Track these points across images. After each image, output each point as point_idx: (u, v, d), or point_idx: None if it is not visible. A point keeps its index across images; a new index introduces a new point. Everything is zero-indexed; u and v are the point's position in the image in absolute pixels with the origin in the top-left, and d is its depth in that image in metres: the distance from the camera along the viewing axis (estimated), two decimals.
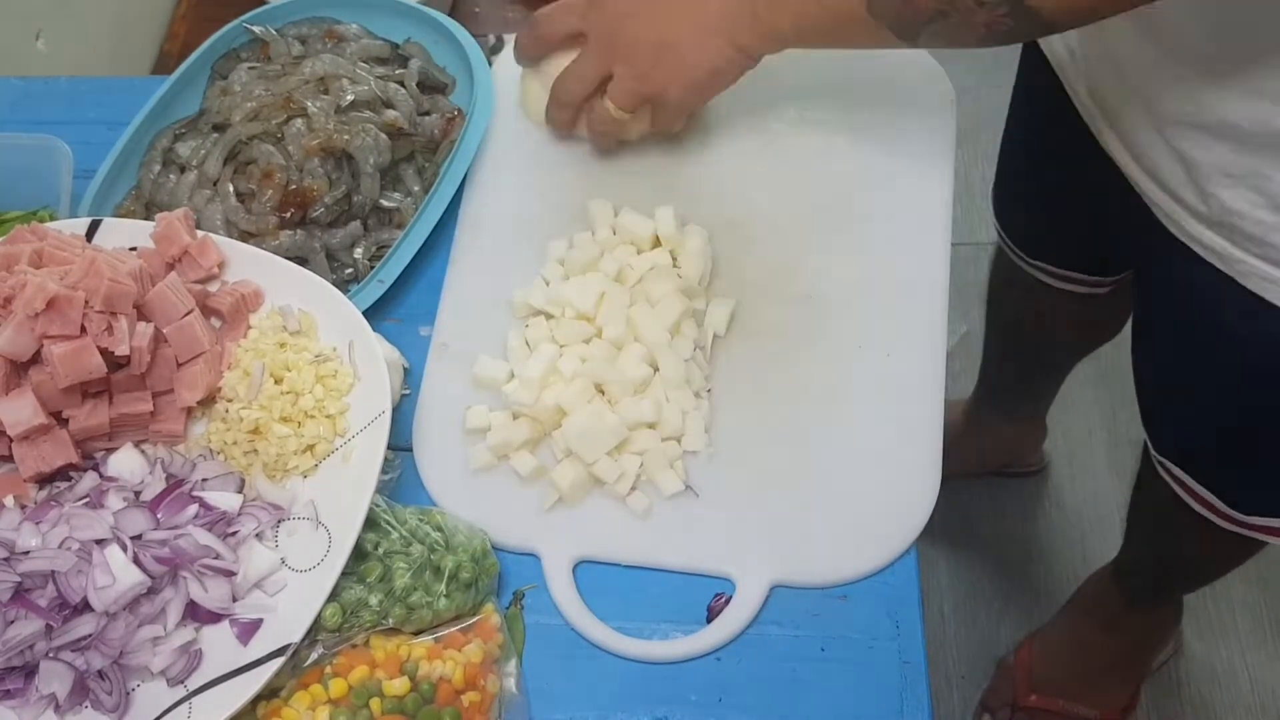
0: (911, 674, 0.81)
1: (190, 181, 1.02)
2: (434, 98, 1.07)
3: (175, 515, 0.81)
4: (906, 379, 0.91)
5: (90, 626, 0.77)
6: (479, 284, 0.98)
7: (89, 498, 0.82)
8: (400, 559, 0.81)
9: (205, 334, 0.86)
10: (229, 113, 1.03)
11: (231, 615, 0.79)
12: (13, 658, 0.76)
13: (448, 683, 0.78)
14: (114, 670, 0.77)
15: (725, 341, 0.94)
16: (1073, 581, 1.67)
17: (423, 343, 0.96)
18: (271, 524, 0.82)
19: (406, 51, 1.09)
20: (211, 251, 0.90)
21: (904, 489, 0.87)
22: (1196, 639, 1.72)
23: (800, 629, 0.83)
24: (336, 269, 0.99)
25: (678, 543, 0.86)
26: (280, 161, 1.00)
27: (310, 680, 0.78)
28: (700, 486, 0.88)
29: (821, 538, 0.86)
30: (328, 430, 0.84)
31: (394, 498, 0.86)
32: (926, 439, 0.89)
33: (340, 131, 1.00)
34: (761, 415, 0.90)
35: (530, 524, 0.87)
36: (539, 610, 0.85)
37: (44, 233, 0.88)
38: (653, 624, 0.84)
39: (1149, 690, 1.67)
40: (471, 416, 0.90)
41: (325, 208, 0.99)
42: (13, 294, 0.81)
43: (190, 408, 0.87)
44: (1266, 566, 1.77)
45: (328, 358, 0.87)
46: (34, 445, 0.83)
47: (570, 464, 0.87)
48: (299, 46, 1.09)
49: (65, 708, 0.77)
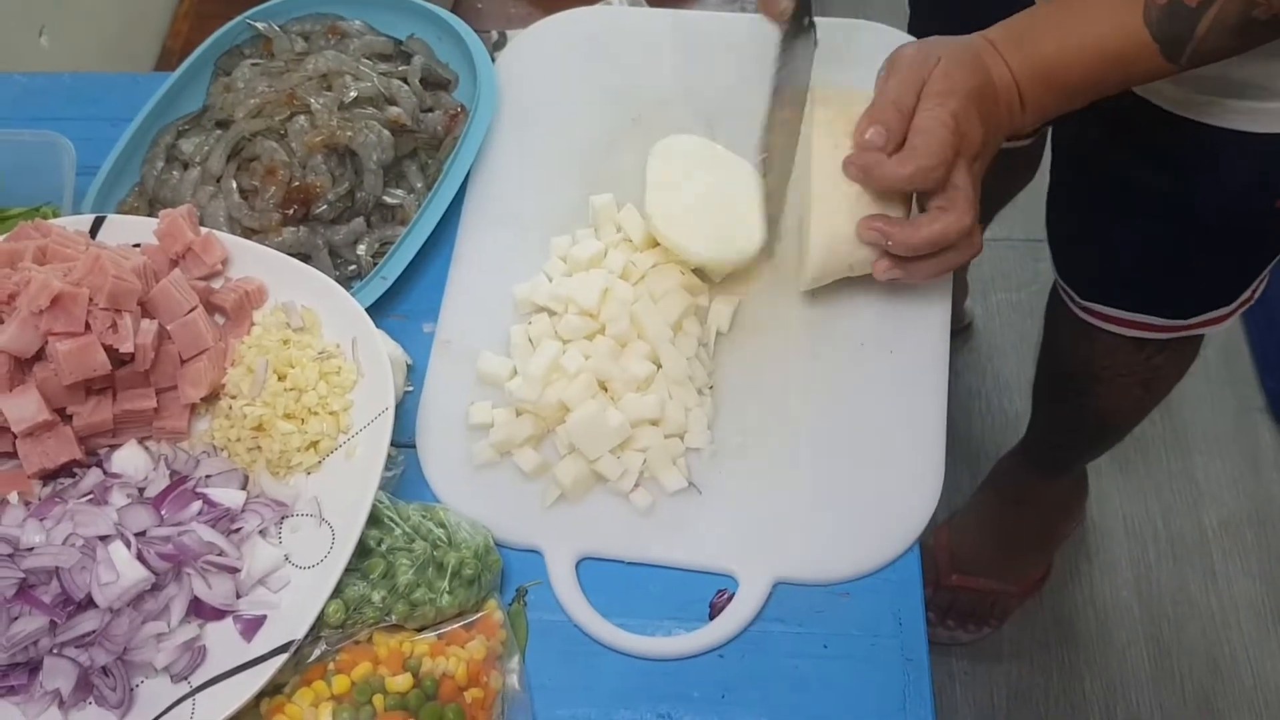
0: (914, 670, 0.81)
1: (193, 178, 1.02)
2: (437, 94, 1.07)
3: (179, 512, 0.81)
4: (909, 376, 0.91)
5: (94, 623, 0.77)
6: (482, 280, 0.98)
7: (93, 494, 0.82)
8: (403, 555, 0.81)
9: (209, 331, 0.86)
10: (232, 109, 1.03)
11: (235, 612, 0.79)
12: (17, 654, 0.76)
13: (451, 679, 0.78)
14: (118, 666, 0.77)
15: (729, 338, 0.94)
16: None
17: (426, 339, 0.96)
18: (275, 520, 0.82)
19: (409, 48, 1.09)
20: (215, 248, 0.90)
21: (906, 486, 0.87)
22: (1199, 634, 1.73)
23: (803, 626, 0.84)
24: (339, 266, 0.99)
25: (680, 540, 0.86)
26: (283, 158, 1.00)
27: (313, 676, 0.78)
28: (703, 483, 0.88)
29: (824, 535, 0.86)
30: (331, 427, 0.85)
31: (397, 494, 0.86)
32: (929, 436, 0.89)
33: (343, 128, 1.00)
34: (764, 412, 0.90)
35: (533, 520, 0.87)
36: (542, 607, 0.85)
37: (48, 229, 0.88)
38: (655, 621, 0.84)
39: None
40: (474, 413, 0.90)
41: (328, 204, 0.99)
42: (17, 290, 0.81)
43: (194, 404, 0.87)
44: (1268, 561, 1.78)
45: (331, 354, 0.87)
46: (38, 441, 0.83)
47: (572, 460, 0.87)
48: (302, 43, 1.09)
49: (69, 704, 0.77)
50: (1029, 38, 0.86)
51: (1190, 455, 1.89)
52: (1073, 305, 1.26)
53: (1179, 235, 1.11)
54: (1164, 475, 1.87)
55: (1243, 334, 1.97)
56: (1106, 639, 1.73)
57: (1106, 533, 1.82)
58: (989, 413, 1.94)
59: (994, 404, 1.95)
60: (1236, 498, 1.85)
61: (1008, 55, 0.86)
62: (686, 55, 1.08)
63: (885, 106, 0.84)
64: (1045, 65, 0.85)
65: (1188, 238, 1.11)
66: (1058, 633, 1.74)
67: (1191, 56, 0.83)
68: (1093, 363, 1.32)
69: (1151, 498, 1.85)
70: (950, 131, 0.82)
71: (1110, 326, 1.24)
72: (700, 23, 1.12)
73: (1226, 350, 1.96)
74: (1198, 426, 1.91)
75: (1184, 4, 0.80)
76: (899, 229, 0.84)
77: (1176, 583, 1.77)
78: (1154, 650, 1.72)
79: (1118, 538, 1.81)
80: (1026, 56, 0.86)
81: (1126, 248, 1.16)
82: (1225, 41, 0.82)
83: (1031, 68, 0.85)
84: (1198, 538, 1.81)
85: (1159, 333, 1.23)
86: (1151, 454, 1.88)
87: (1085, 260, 1.24)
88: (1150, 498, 1.85)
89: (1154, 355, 1.28)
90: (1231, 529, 1.82)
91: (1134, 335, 1.24)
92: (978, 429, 1.93)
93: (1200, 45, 0.82)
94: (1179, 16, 0.81)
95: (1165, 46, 0.82)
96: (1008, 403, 1.94)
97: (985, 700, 1.70)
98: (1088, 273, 1.24)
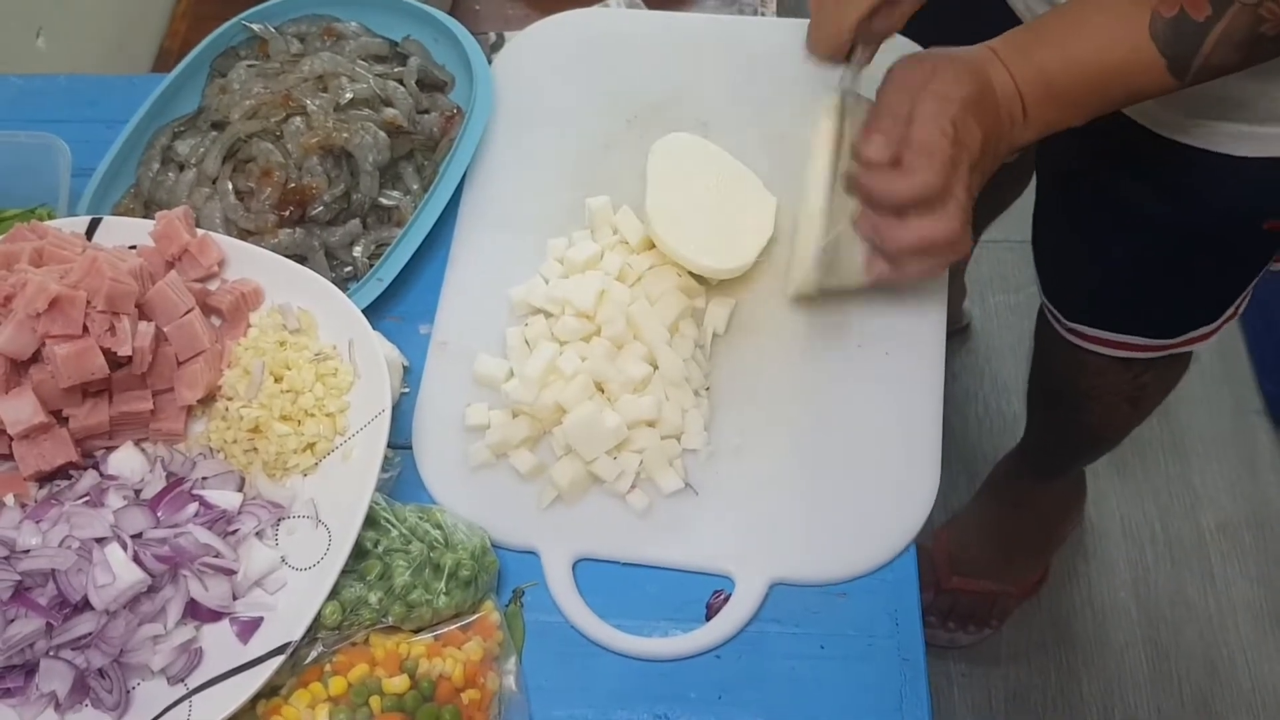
0: (911, 671, 0.81)
1: (189, 179, 1.02)
2: (433, 96, 1.07)
3: (175, 514, 0.81)
4: (905, 377, 0.91)
5: (90, 625, 0.77)
6: (478, 282, 0.98)
7: (89, 496, 0.82)
8: (400, 557, 0.81)
9: (205, 332, 0.86)
10: (228, 110, 1.03)
11: (232, 613, 0.79)
12: (13, 656, 0.76)
13: (447, 680, 0.78)
14: (114, 669, 0.77)
15: (725, 340, 0.94)
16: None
17: (422, 341, 0.96)
18: (271, 522, 0.82)
19: (406, 49, 1.09)
20: (211, 250, 0.90)
21: (903, 487, 0.87)
22: (1197, 637, 1.73)
23: (799, 626, 0.84)
24: (335, 267, 0.99)
25: (677, 541, 0.86)
26: (279, 159, 1.00)
27: (310, 678, 0.78)
28: (700, 484, 0.88)
29: (821, 535, 0.86)
30: (328, 428, 0.85)
31: (394, 496, 0.86)
32: (925, 437, 0.89)
33: (339, 129, 1.00)
34: (761, 414, 0.90)
35: (530, 522, 0.87)
36: (538, 608, 0.85)
37: (44, 231, 0.88)
38: (652, 622, 0.84)
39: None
40: (471, 414, 0.90)
41: (324, 206, 0.99)
42: (13, 292, 0.81)
43: (190, 406, 0.87)
44: (1266, 563, 1.78)
45: (328, 356, 0.87)
46: (34, 444, 0.83)
47: (569, 461, 0.87)
48: (298, 44, 1.09)
49: (65, 706, 0.77)
50: (1033, 48, 0.86)
51: (1188, 458, 1.89)
52: (1058, 326, 1.26)
53: (1164, 255, 1.11)
54: (1162, 478, 1.87)
55: (1240, 337, 1.97)
56: (1104, 641, 1.73)
57: (1104, 535, 1.82)
58: (986, 415, 1.94)
59: (991, 406, 1.95)
60: (1234, 500, 1.85)
61: (1011, 65, 0.85)
62: (683, 58, 1.09)
63: (884, 117, 0.84)
64: (1048, 75, 0.84)
65: (1173, 258, 1.11)
66: (1055, 634, 1.74)
67: (1198, 72, 0.82)
68: (1080, 381, 1.32)
69: (1149, 500, 1.85)
70: (950, 142, 0.82)
71: (1096, 347, 1.24)
72: (697, 25, 1.12)
73: (1224, 353, 1.96)
74: (1195, 429, 1.91)
75: (1191, 19, 0.79)
76: (890, 227, 0.84)
77: (1174, 585, 1.77)
78: (1152, 652, 1.72)
79: (1115, 540, 1.81)
80: (1030, 66, 0.85)
81: (1112, 267, 1.16)
82: (1231, 57, 0.81)
83: (1034, 77, 0.85)
84: (1195, 540, 1.81)
85: (1145, 352, 1.23)
86: (1149, 457, 1.88)
87: (1071, 281, 1.24)
88: (1148, 500, 1.85)
89: (1141, 374, 1.28)
90: (1229, 531, 1.82)
91: (1121, 356, 1.24)
92: (974, 431, 1.93)
93: (1207, 61, 0.81)
94: (1186, 31, 0.80)
95: (1172, 62, 0.81)
96: (1005, 405, 1.94)
97: (983, 701, 1.69)
98: (1073, 294, 1.24)
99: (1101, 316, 1.22)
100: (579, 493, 0.88)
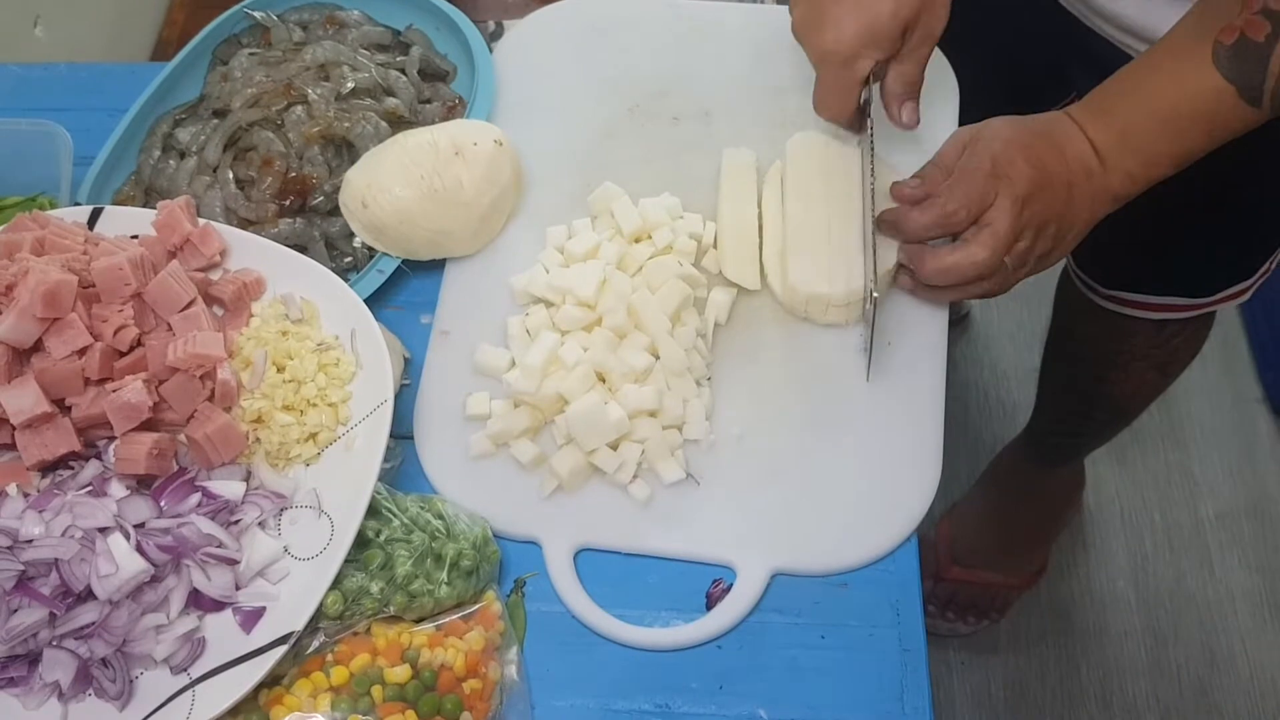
0: (912, 661, 0.82)
1: (190, 168, 1.01)
2: (435, 85, 1.07)
3: (178, 504, 0.81)
4: (907, 367, 0.91)
5: (93, 614, 0.77)
6: (479, 272, 0.98)
7: (92, 486, 0.82)
8: (402, 547, 0.81)
9: (208, 322, 0.86)
10: (229, 99, 1.03)
11: (234, 603, 0.79)
12: (16, 646, 0.76)
13: (449, 670, 0.78)
14: (117, 658, 0.77)
15: (727, 330, 0.94)
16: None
17: (423, 331, 0.96)
18: (274, 512, 0.82)
19: (408, 38, 1.09)
20: (213, 239, 0.90)
21: (904, 477, 0.87)
22: (1196, 625, 1.73)
23: (801, 616, 0.84)
24: (335, 257, 0.99)
25: (679, 531, 0.86)
26: (280, 148, 1.00)
27: (312, 668, 0.78)
28: (701, 474, 0.88)
29: (822, 526, 0.86)
30: (330, 418, 0.85)
31: (395, 486, 0.86)
32: (927, 427, 0.89)
33: (340, 119, 0.99)
34: (762, 404, 0.90)
35: (531, 512, 0.87)
36: (540, 598, 0.85)
37: (46, 220, 0.88)
38: (654, 611, 0.84)
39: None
40: (472, 404, 0.90)
41: (325, 195, 0.98)
42: (15, 281, 0.81)
43: None
44: (1265, 552, 1.78)
45: (330, 346, 0.87)
46: (37, 433, 0.83)
47: (569, 450, 0.87)
48: (300, 32, 1.09)
49: (68, 696, 0.77)
50: (1101, 97, 0.87)
51: (1187, 447, 1.89)
52: (1093, 295, 1.26)
53: (1207, 210, 1.10)
54: (1161, 467, 1.87)
55: (1240, 325, 1.97)
56: (1103, 629, 1.73)
57: (1104, 524, 1.82)
58: (987, 404, 1.94)
59: (992, 395, 1.95)
60: (1233, 489, 1.85)
61: (1078, 116, 0.87)
62: (685, 45, 1.08)
63: (930, 165, 0.89)
64: (1120, 121, 0.85)
65: (1216, 213, 1.10)
66: (1055, 623, 1.74)
67: (1275, 96, 0.80)
68: (1112, 350, 1.33)
69: (1149, 489, 1.85)
70: (985, 175, 0.84)
71: (1135, 312, 1.24)
72: (698, 12, 1.12)
73: (1224, 342, 1.96)
74: (1195, 418, 1.91)
75: (1251, 40, 0.78)
76: (921, 254, 0.87)
77: (1173, 574, 1.78)
78: (1150, 641, 1.72)
79: (1115, 529, 1.82)
80: (1098, 115, 0.86)
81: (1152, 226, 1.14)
82: None
83: (1105, 124, 0.86)
84: (1195, 529, 1.82)
85: (1181, 312, 1.23)
86: (1149, 445, 1.88)
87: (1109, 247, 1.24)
88: (1147, 489, 1.85)
89: (1173, 336, 1.29)
90: (1228, 520, 1.82)
91: (1158, 318, 1.24)
92: (975, 420, 1.93)
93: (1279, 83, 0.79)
94: (1249, 54, 0.79)
95: (1242, 89, 0.80)
96: (1005, 393, 1.94)
97: (983, 690, 1.70)
98: (1112, 259, 1.23)
99: (1144, 279, 1.22)
100: (580, 482, 0.88)
